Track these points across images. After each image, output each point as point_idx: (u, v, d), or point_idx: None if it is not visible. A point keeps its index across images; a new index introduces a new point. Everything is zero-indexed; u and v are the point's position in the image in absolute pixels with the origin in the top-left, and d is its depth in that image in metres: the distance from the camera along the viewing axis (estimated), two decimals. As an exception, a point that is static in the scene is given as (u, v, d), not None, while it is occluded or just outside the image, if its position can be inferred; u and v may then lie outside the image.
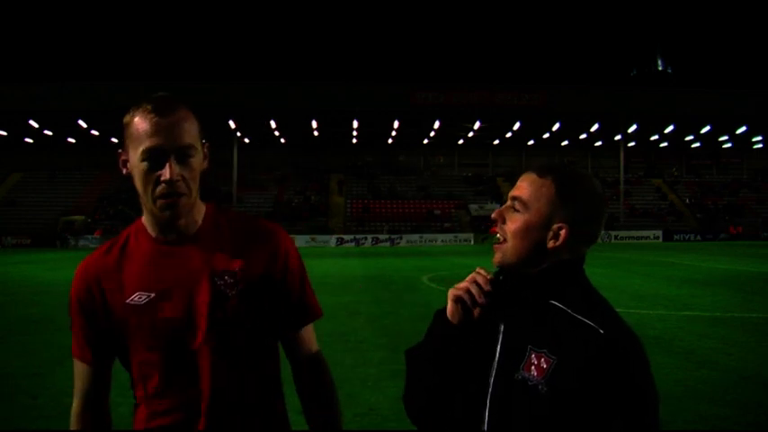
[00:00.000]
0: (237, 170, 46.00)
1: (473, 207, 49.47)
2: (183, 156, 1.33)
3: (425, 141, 54.46)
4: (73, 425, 1.47)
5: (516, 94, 45.10)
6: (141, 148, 1.31)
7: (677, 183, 55.51)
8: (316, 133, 49.87)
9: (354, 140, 53.40)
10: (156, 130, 1.31)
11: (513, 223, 1.34)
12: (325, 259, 24.90)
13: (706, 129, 49.11)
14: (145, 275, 1.38)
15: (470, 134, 51.68)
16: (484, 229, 46.39)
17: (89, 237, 41.52)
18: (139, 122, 1.33)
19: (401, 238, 43.62)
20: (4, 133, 48.14)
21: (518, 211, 1.32)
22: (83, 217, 44.79)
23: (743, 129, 48.69)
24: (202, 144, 1.41)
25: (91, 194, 48.54)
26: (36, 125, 45.68)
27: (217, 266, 1.38)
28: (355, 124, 47.50)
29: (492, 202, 50.46)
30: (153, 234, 1.41)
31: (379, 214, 48.32)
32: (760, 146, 55.71)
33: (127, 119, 1.36)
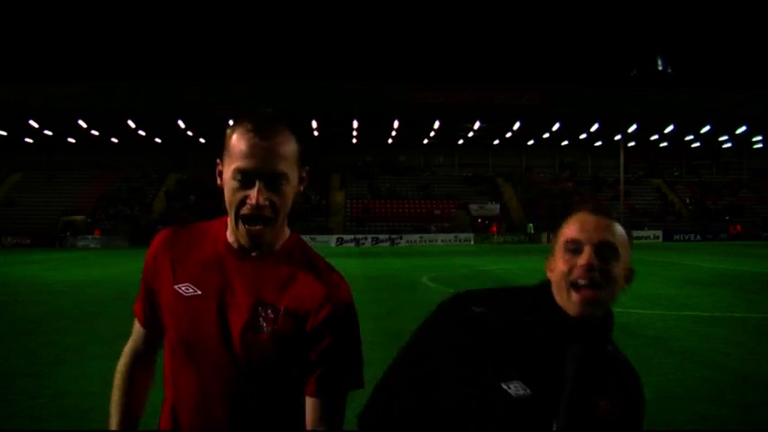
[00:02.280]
0: (237, 170, 45.98)
1: (473, 207, 49.48)
2: (274, 182, 1.31)
3: (425, 141, 54.48)
4: (117, 379, 1.52)
5: (516, 93, 45.11)
6: (234, 167, 1.30)
7: (677, 183, 55.53)
8: (316, 133, 49.87)
9: (354, 140, 53.41)
10: (251, 152, 1.29)
11: (614, 269, 1.29)
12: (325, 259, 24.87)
13: (706, 129, 49.15)
14: (202, 272, 1.39)
15: (470, 134, 51.70)
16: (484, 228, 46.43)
17: (89, 237, 41.53)
18: (237, 140, 1.31)
19: (401, 238, 43.63)
20: (4, 133, 48.16)
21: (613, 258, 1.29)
22: (83, 217, 44.79)
23: (743, 129, 48.72)
24: (300, 168, 1.39)
25: (91, 194, 48.54)
26: (36, 125, 45.70)
27: (265, 297, 1.35)
28: (355, 124, 47.52)
29: (492, 202, 50.48)
30: (230, 239, 1.40)
31: (379, 214, 48.33)
32: (760, 146, 55.74)
33: (228, 132, 1.35)
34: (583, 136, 52.79)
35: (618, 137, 48.52)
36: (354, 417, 1.42)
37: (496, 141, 54.89)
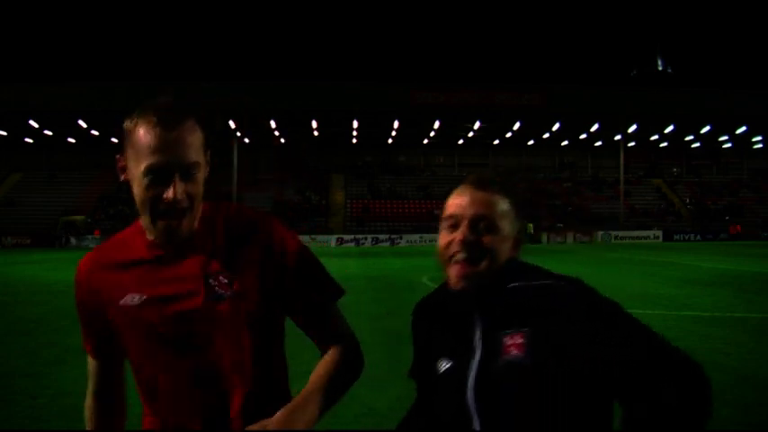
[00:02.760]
0: (237, 170, 46.00)
1: (473, 207, 49.43)
2: (188, 173, 1.27)
3: (425, 141, 54.47)
4: (86, 420, 1.50)
5: (516, 93, 45.09)
6: (144, 164, 1.25)
7: (677, 183, 55.53)
8: (316, 133, 49.87)
9: (354, 140, 53.40)
10: (160, 146, 1.24)
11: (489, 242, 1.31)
12: (326, 259, 24.78)
13: (706, 129, 49.13)
14: (139, 278, 1.35)
15: (470, 134, 51.69)
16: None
17: (89, 237, 41.52)
18: (143, 134, 1.25)
19: (401, 238, 43.62)
20: (4, 133, 48.14)
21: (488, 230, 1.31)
22: (83, 217, 44.79)
23: (743, 129, 48.71)
24: (207, 156, 1.35)
25: (91, 194, 48.53)
26: (36, 125, 45.69)
27: (211, 269, 1.34)
28: (355, 124, 47.51)
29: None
30: (150, 238, 1.37)
31: (379, 214, 48.33)
32: (760, 146, 55.72)
33: (128, 125, 1.29)
34: (583, 136, 52.77)
35: (618, 137, 48.52)
36: (354, 416, 1.42)
37: (496, 141, 54.88)
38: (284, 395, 1.43)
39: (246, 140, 51.02)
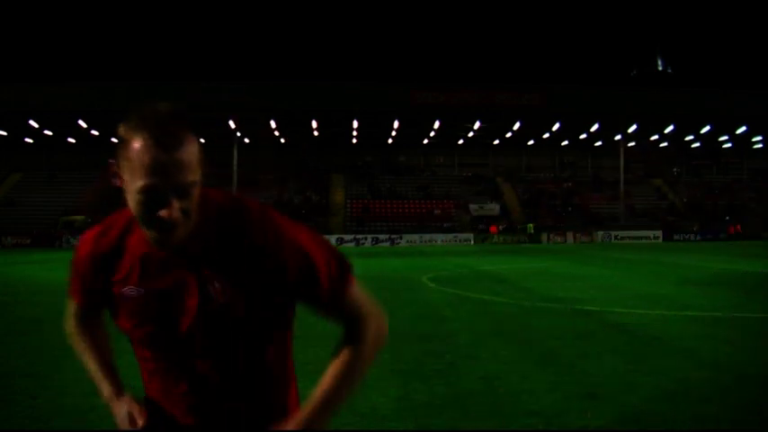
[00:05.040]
0: (237, 170, 46.01)
1: (473, 207, 49.47)
2: (184, 193, 1.23)
3: (425, 141, 54.48)
4: (78, 343, 1.54)
5: (516, 93, 45.12)
6: (139, 183, 1.20)
7: (677, 183, 55.51)
8: (316, 133, 49.88)
9: (354, 140, 53.40)
10: (156, 169, 1.18)
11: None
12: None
13: (706, 129, 49.14)
14: (139, 271, 1.36)
15: (470, 134, 51.70)
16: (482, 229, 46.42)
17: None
18: (138, 152, 1.19)
19: (401, 238, 43.62)
20: (4, 133, 48.15)
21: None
22: (83, 217, 44.78)
23: (743, 129, 48.72)
24: (201, 165, 1.29)
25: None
26: (36, 125, 45.70)
27: (205, 271, 1.32)
28: (355, 124, 47.51)
29: (492, 202, 50.48)
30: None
31: (379, 214, 48.33)
32: (760, 146, 55.73)
33: (123, 134, 1.22)
34: (583, 136, 52.78)
35: (618, 137, 48.53)
36: (354, 416, 1.42)
37: (496, 141, 54.88)
38: (282, 408, 1.42)
39: (246, 140, 51.02)
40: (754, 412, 4.62)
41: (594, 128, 48.84)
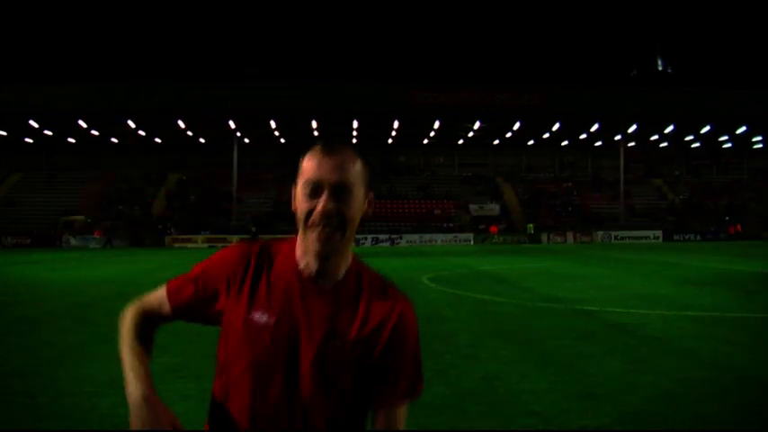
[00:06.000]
0: (237, 170, 45.99)
1: (473, 207, 49.47)
2: (339, 191, 1.40)
3: (425, 141, 54.48)
4: (129, 337, 1.50)
5: (516, 93, 45.12)
6: (304, 179, 1.42)
7: (677, 183, 55.52)
8: (316, 133, 49.89)
9: (354, 140, 53.39)
10: (319, 166, 1.41)
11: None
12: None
13: (706, 129, 49.15)
14: (276, 299, 1.43)
15: (470, 134, 51.70)
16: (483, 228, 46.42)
17: (89, 237, 41.52)
18: (309, 160, 1.44)
19: (401, 238, 43.62)
20: (4, 133, 48.15)
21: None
22: (83, 217, 44.79)
23: (743, 129, 48.72)
24: (366, 191, 1.48)
25: (91, 194, 48.54)
26: (36, 125, 45.70)
27: (335, 329, 1.41)
28: (355, 124, 47.51)
29: (492, 202, 50.48)
30: (300, 265, 1.45)
31: (379, 214, 48.34)
32: (760, 146, 55.74)
33: (300, 160, 1.48)
34: (583, 136, 52.78)
35: (618, 137, 48.54)
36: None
37: (496, 141, 54.89)
38: None
39: (246, 140, 51.03)
40: (754, 412, 4.62)
41: (594, 128, 48.84)
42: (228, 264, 1.49)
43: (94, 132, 48.50)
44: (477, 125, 48.05)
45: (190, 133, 49.46)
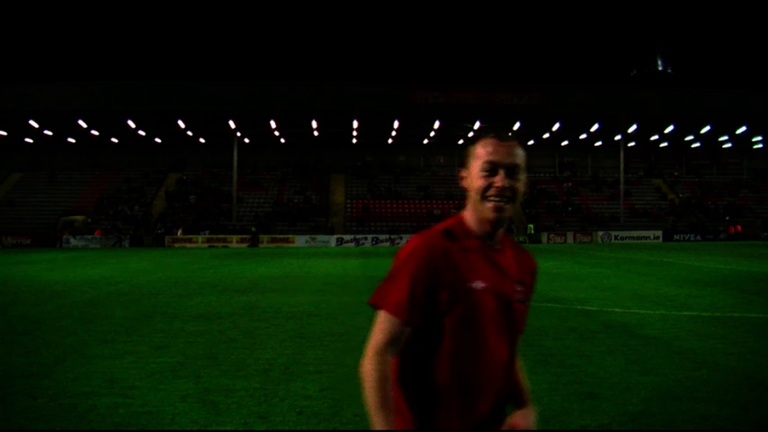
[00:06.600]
0: (237, 170, 45.99)
1: (473, 207, 49.38)
2: (511, 172, 1.71)
3: (425, 141, 54.47)
4: (383, 384, 1.68)
5: (516, 93, 45.11)
6: (482, 161, 1.71)
7: (677, 183, 55.52)
8: (316, 133, 49.87)
9: (354, 140, 53.40)
10: (496, 150, 1.72)
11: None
12: (326, 259, 24.90)
13: (706, 129, 49.13)
14: (480, 268, 1.69)
15: (470, 134, 51.69)
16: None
17: (89, 237, 41.51)
18: (483, 145, 1.74)
19: (401, 238, 43.62)
20: (4, 133, 48.14)
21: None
22: (83, 217, 44.78)
23: (743, 129, 48.70)
24: (525, 172, 1.78)
25: (91, 194, 48.54)
26: (36, 125, 45.69)
27: (516, 276, 1.77)
28: (355, 124, 47.51)
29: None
30: (479, 235, 1.74)
31: (379, 214, 48.32)
32: (760, 146, 55.71)
33: (470, 146, 1.78)
34: (583, 136, 52.76)
35: (618, 137, 48.51)
36: (354, 416, 1.42)
37: (496, 141, 54.78)
38: (515, 395, 1.89)
39: (246, 140, 51.02)
40: (754, 412, 4.62)
41: (594, 128, 48.83)
42: (438, 263, 1.68)
43: (94, 132, 48.49)
44: (477, 125, 48.05)
45: (190, 133, 49.44)
